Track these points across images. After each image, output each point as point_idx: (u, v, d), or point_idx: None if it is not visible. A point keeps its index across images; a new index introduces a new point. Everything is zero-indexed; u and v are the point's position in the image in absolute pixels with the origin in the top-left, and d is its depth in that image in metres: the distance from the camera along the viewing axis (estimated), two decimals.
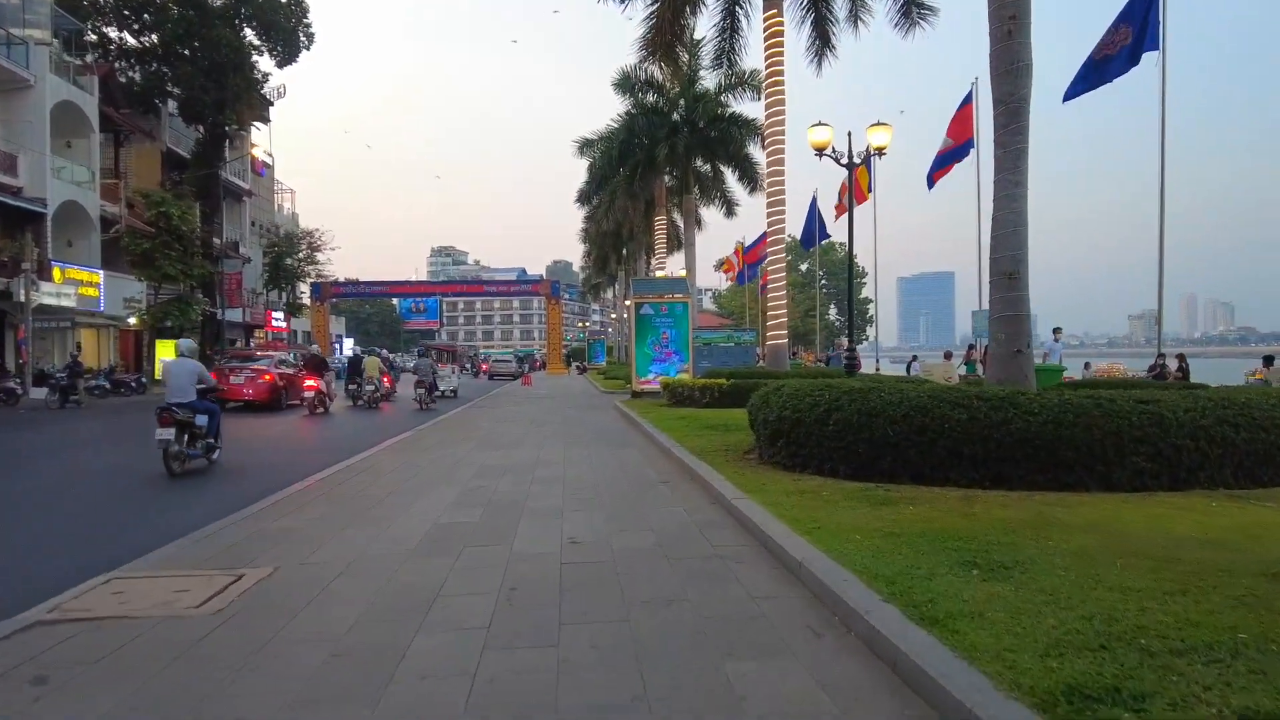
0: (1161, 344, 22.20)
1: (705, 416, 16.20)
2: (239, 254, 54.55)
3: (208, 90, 41.74)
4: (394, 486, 9.26)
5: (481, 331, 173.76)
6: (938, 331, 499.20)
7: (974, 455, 7.71)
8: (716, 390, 19.13)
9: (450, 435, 15.25)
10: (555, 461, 11.20)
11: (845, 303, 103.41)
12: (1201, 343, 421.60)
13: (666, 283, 25.64)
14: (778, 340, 21.14)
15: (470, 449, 12.89)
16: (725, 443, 11.81)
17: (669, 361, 24.00)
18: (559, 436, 14.77)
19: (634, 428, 15.97)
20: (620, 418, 18.84)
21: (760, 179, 34.22)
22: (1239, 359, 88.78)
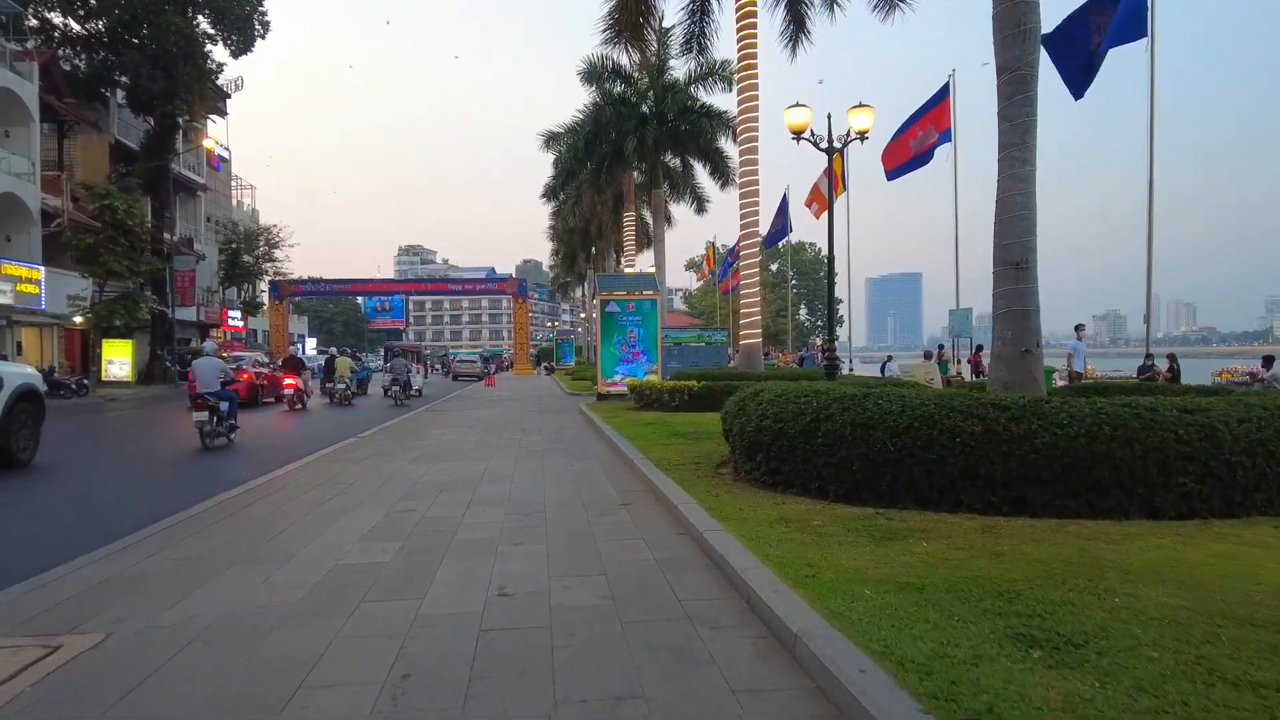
0: (1143, 343, 21.21)
1: (674, 422, 14.93)
2: (193, 250, 52.59)
3: (156, 79, 39.87)
4: (310, 506, 7.89)
5: (450, 331, 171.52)
6: (906, 332, 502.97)
7: (990, 475, 6.47)
8: (686, 393, 17.88)
9: (395, 443, 13.86)
10: (503, 476, 9.85)
11: (815, 303, 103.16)
12: (1164, 343, 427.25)
13: (635, 279, 24.35)
14: (751, 340, 19.92)
15: (409, 461, 11.51)
16: (696, 454, 10.53)
17: (637, 362, 22.71)
18: (513, 445, 13.42)
19: (597, 434, 14.66)
20: (583, 423, 17.52)
21: (732, 173, 33.08)
22: (1202, 359, 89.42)
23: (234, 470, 11.07)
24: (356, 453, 12.57)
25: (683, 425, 14.21)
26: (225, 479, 9.92)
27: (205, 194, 57.42)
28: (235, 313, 60.74)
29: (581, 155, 34.86)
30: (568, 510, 7.60)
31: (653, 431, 13.38)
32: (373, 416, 20.74)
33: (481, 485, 9.14)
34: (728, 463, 9.57)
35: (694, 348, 29.10)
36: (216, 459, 12.70)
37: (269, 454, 13.13)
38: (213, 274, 56.85)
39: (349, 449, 13.20)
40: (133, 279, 38.48)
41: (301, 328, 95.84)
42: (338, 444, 13.88)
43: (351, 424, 18.44)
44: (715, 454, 10.45)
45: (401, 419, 19.82)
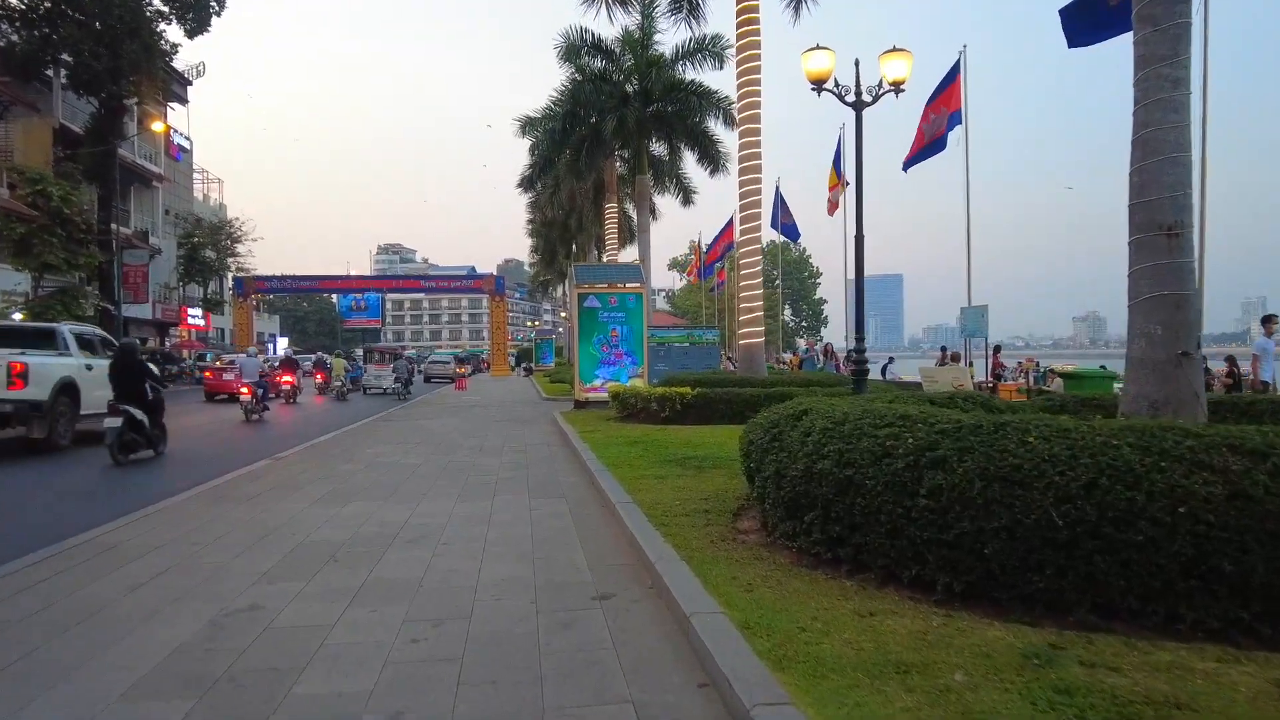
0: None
1: (667, 440, 12.09)
2: (147, 244, 49.28)
3: (99, 56, 36.64)
4: (118, 593, 4.99)
5: (429, 331, 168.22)
6: (887, 333, 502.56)
7: (1245, 572, 3.67)
8: (679, 402, 15.05)
9: (312, 467, 10.94)
10: (430, 531, 6.93)
11: (799, 304, 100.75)
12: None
13: (617, 269, 21.48)
14: (752, 340, 17.12)
15: (315, 499, 8.57)
16: (701, 494, 7.69)
17: (619, 365, 19.85)
18: (461, 472, 10.53)
19: (570, 457, 11.78)
20: (556, 438, 14.65)
21: (722, 158, 30.34)
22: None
23: (101, 507, 8.12)
24: (254, 484, 9.63)
25: (678, 445, 11.37)
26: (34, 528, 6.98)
27: (163, 185, 54.07)
28: (196, 310, 57.41)
29: (559, 139, 31.89)
30: (509, 611, 4.69)
31: (641, 455, 10.53)
32: (328, 421, 20.16)
33: (392, 551, 6.21)
34: (749, 511, 6.75)
35: (681, 349, 26.28)
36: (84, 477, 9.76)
37: (173, 475, 10.22)
38: (170, 270, 53.56)
39: (251, 476, 10.28)
40: (72, 273, 35.35)
41: (273, 327, 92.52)
42: (245, 468, 10.96)
43: (304, 429, 17.87)
44: (727, 494, 7.63)
45: (345, 430, 16.92)
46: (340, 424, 18.71)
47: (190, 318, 57.02)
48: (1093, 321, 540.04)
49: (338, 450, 13.17)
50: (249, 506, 8.15)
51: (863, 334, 12.16)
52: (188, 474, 10.70)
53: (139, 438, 12.42)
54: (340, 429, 17.16)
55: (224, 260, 56.73)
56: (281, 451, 12.82)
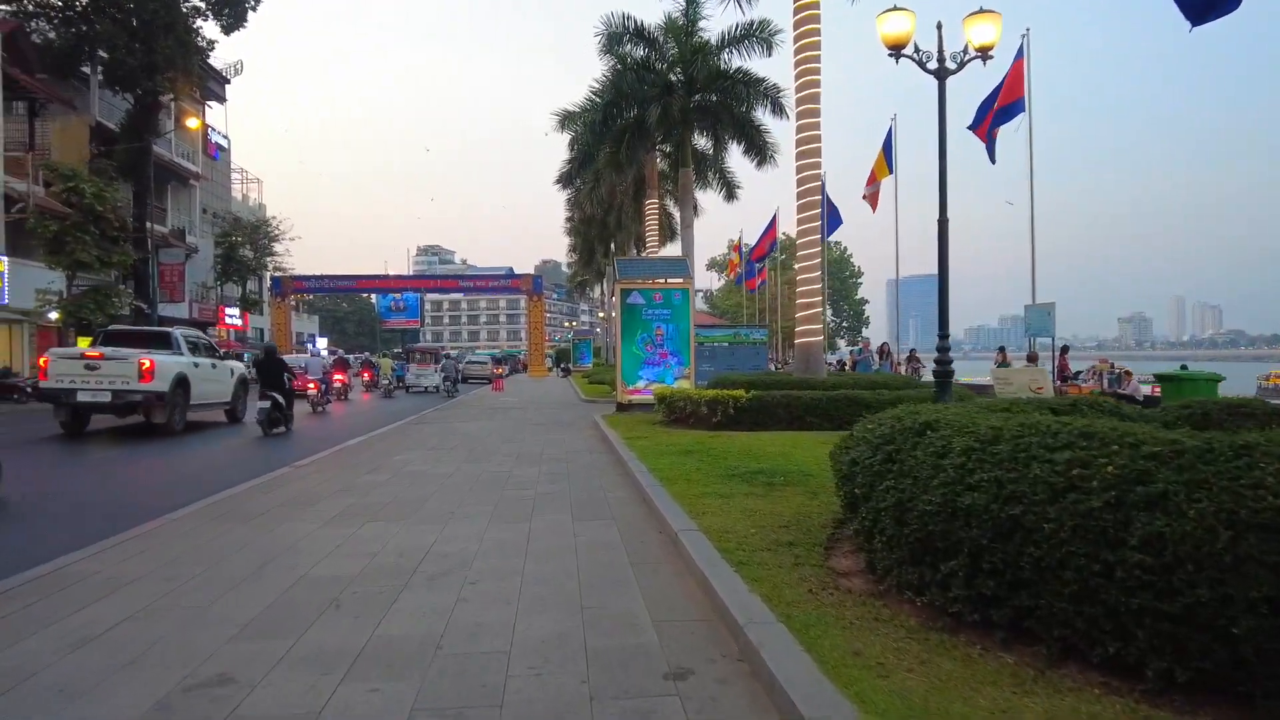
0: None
1: (723, 448, 10.84)
2: (183, 243, 49.04)
3: (134, 52, 36.27)
4: (33, 668, 3.88)
5: (468, 332, 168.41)
6: (928, 334, 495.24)
7: None
8: (732, 406, 13.79)
9: (333, 477, 9.89)
10: (455, 565, 5.74)
11: (840, 304, 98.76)
12: (1190, 345, 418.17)
13: (661, 263, 20.26)
14: (811, 338, 15.81)
15: (329, 517, 7.47)
16: (777, 519, 6.44)
17: (664, 365, 18.64)
18: (495, 486, 9.38)
19: (617, 468, 10.58)
20: (599, 444, 13.47)
21: (770, 149, 29.03)
22: (1228, 363, 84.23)
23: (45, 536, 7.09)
24: (268, 496, 8.58)
25: (737, 455, 10.13)
26: None
27: (200, 183, 53.82)
28: (233, 310, 57.10)
29: (599, 130, 30.78)
30: (553, 695, 3.47)
31: (697, 467, 9.30)
32: (369, 420, 19.98)
33: (408, 593, 5.03)
34: (843, 546, 5.50)
35: (726, 349, 24.98)
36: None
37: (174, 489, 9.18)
38: (208, 269, 53.29)
39: (267, 486, 9.25)
40: (104, 271, 34.89)
41: (312, 327, 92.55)
42: (261, 477, 9.95)
43: (352, 425, 18.19)
44: (809, 519, 6.38)
45: (380, 431, 15.94)
46: (376, 425, 17.76)
47: (227, 317, 56.75)
48: (1138, 322, 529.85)
49: (366, 456, 12.10)
50: (251, 527, 7.05)
51: (946, 330, 10.81)
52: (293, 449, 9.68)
53: (279, 416, 16.24)
54: (374, 431, 16.17)
55: (261, 259, 56.35)
56: (305, 458, 11.79)
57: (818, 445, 10.91)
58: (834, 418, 13.62)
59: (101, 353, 15.43)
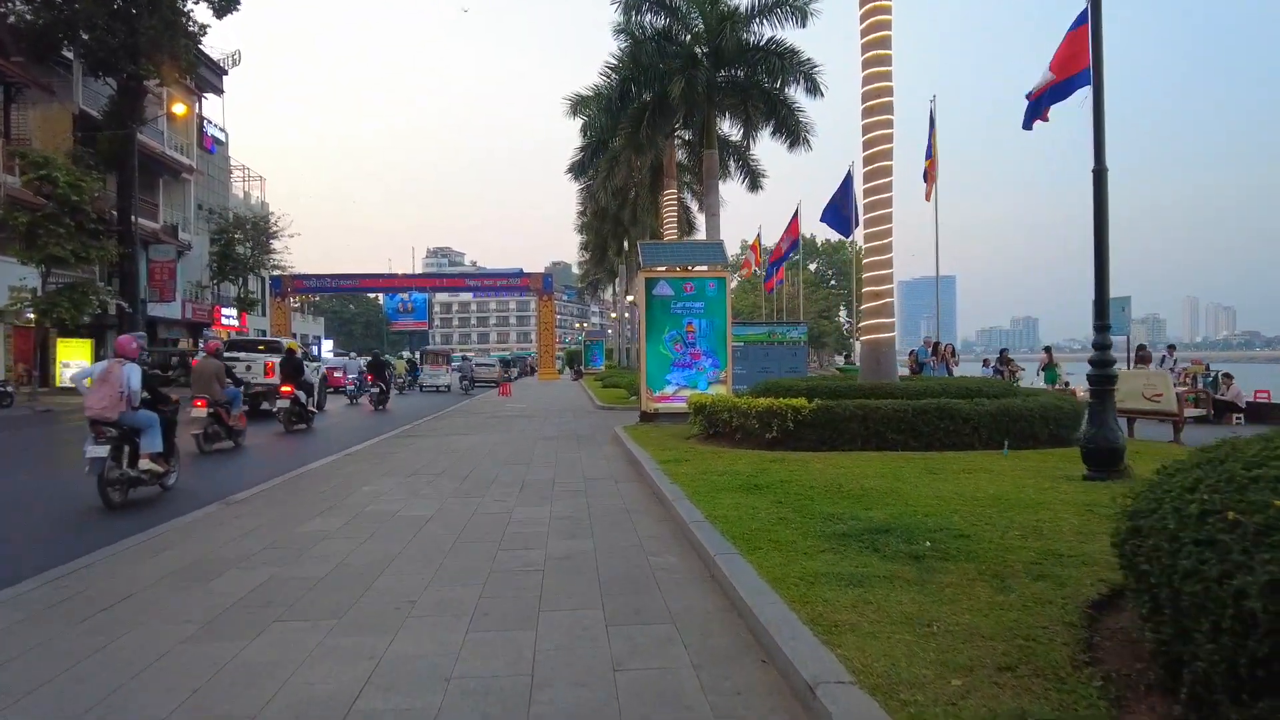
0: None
1: (797, 479, 7.97)
2: (176, 239, 46.45)
3: (115, 32, 33.77)
4: None
5: (477, 334, 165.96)
6: (940, 335, 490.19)
7: None
8: (791, 418, 10.94)
9: (269, 524, 7.12)
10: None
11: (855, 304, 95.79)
12: (1203, 347, 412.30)
13: (693, 248, 17.40)
14: (880, 335, 12.95)
15: (220, 612, 4.68)
16: (979, 640, 3.57)
17: (696, 367, 15.83)
18: (485, 543, 6.56)
19: (656, 513, 7.70)
20: (625, 470, 10.65)
21: (803, 128, 26.20)
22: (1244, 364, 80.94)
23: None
24: (153, 562, 5.81)
25: (825, 492, 7.27)
26: None
27: (194, 178, 51.24)
28: (230, 311, 54.48)
29: (616, 110, 28.01)
30: None
31: (778, 514, 6.44)
32: (360, 430, 18.42)
33: None
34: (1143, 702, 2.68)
35: (760, 348, 22.11)
36: None
37: None
38: (203, 267, 50.71)
39: (166, 541, 6.50)
40: (83, 267, 32.29)
41: (317, 329, 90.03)
42: (170, 522, 7.26)
43: (317, 445, 15.19)
44: (1031, 641, 3.52)
45: (359, 448, 13.22)
46: (364, 436, 15.09)
47: (224, 318, 54.13)
48: (1152, 323, 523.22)
49: (327, 487, 9.33)
50: (82, 633, 4.28)
51: (1106, 318, 7.92)
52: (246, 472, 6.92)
53: (299, 412, 17.59)
54: (353, 447, 13.45)
55: (259, 257, 53.65)
56: (249, 488, 9.01)
57: (927, 477, 8.09)
58: (921, 434, 10.79)
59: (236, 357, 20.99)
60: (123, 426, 8.55)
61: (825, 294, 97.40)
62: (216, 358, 14.15)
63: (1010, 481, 7.79)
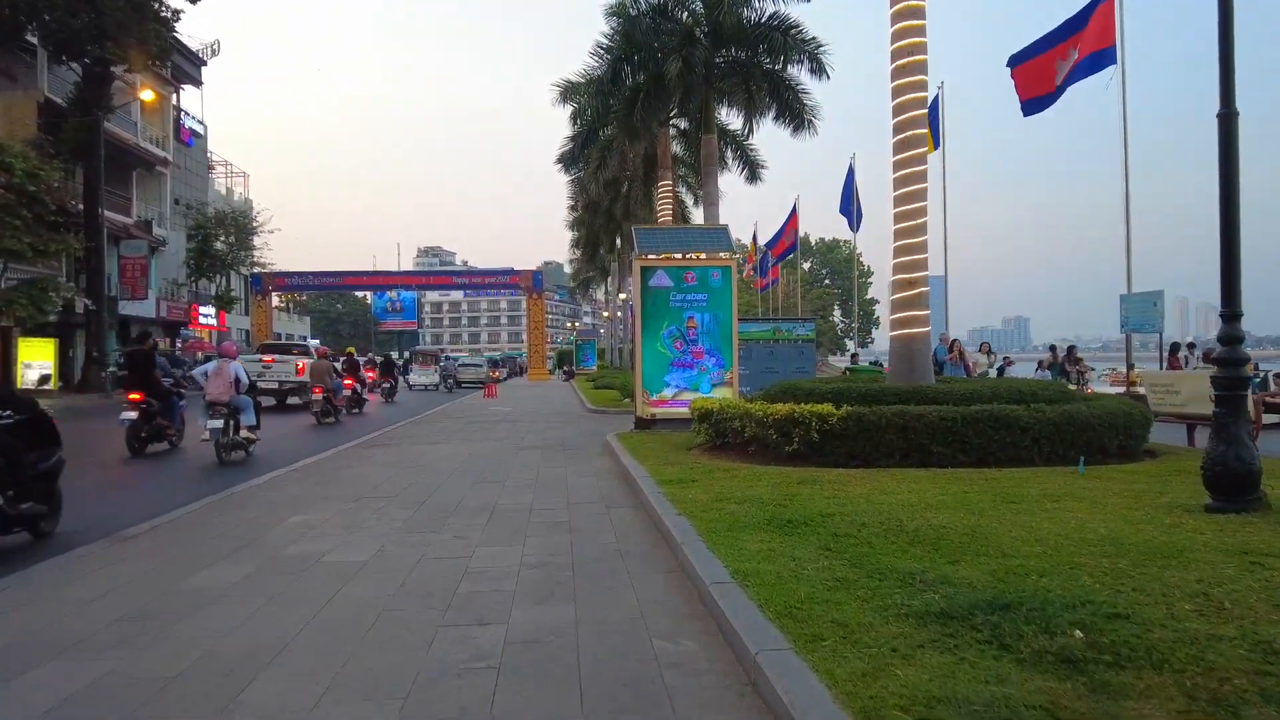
0: None
1: (843, 510, 6.15)
2: (150, 234, 44.49)
3: (76, 13, 31.86)
4: None
5: (468, 334, 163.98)
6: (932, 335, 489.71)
7: None
8: (816, 428, 9.16)
9: (142, 580, 5.34)
10: None
11: (849, 305, 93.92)
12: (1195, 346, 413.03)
13: (695, 233, 15.58)
14: (913, 330, 11.17)
15: None
16: None
17: (698, 367, 14.07)
18: (423, 614, 4.74)
19: (663, 563, 5.84)
20: (620, 493, 8.83)
21: (809, 111, 24.48)
22: None
23: None
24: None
25: (881, 531, 5.47)
26: None
27: (170, 170, 49.23)
28: (208, 309, 52.50)
29: (608, 92, 26.25)
30: None
31: (829, 570, 4.61)
32: (315, 440, 15.64)
33: None
34: None
35: (763, 346, 20.26)
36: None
37: None
38: (179, 264, 48.75)
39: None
40: (42, 261, 30.39)
41: (303, 329, 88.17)
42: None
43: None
44: None
45: (305, 463, 11.41)
46: (327, 445, 13.29)
47: (202, 317, 52.16)
48: None
49: (246, 516, 7.52)
50: None
51: (1237, 303, 6.11)
52: None
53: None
54: (313, 456, 11.67)
55: (237, 254, 51.67)
56: (148, 520, 7.20)
57: (1006, 509, 6.35)
58: (972, 447, 9.04)
59: (272, 358, 24.63)
60: (231, 406, 11.85)
61: (820, 293, 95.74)
62: (326, 360, 21.34)
63: (1117, 515, 6.02)
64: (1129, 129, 19.52)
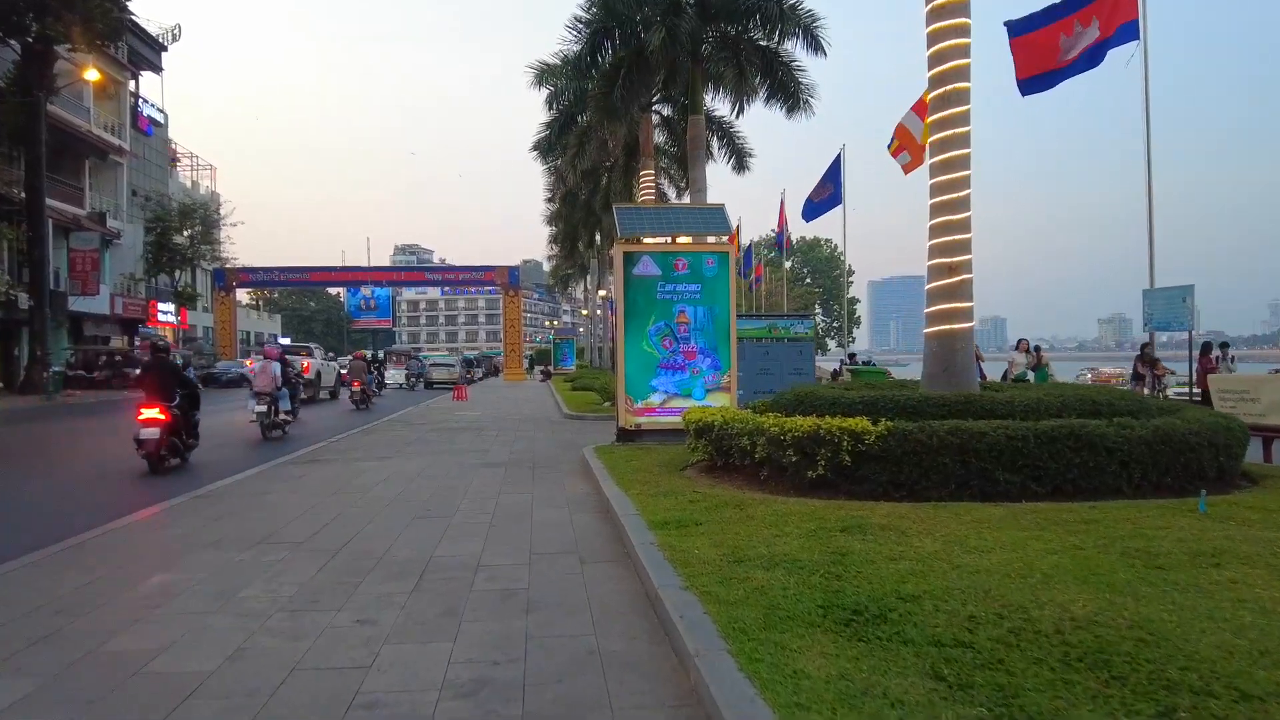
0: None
1: (932, 589, 4.16)
2: (103, 226, 41.99)
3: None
4: None
5: (445, 333, 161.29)
6: (909, 335, 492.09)
7: None
8: (848, 448, 7.18)
9: None
10: None
11: (830, 304, 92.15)
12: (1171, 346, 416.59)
13: (688, 213, 13.49)
14: (955, 325, 9.21)
15: None
16: None
17: (690, 369, 12.07)
18: None
19: (665, 673, 3.91)
20: (596, 538, 6.78)
21: (805, 90, 22.61)
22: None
23: None
24: None
25: (998, 622, 3.54)
26: None
27: (126, 159, 46.67)
28: (167, 305, 49.89)
29: (586, 69, 24.23)
30: None
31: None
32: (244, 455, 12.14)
33: None
34: None
35: (758, 346, 18.26)
36: None
37: None
38: (136, 258, 46.17)
39: None
40: None
41: (274, 327, 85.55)
42: None
43: None
44: None
45: (232, 480, 9.27)
46: (272, 455, 11.12)
47: (161, 314, 49.53)
48: (1119, 323, 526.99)
49: (107, 568, 5.44)
50: None
51: None
52: None
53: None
54: (249, 469, 9.54)
55: (199, 248, 49.11)
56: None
57: (1156, 577, 4.38)
58: (1045, 473, 7.09)
59: None
60: (272, 395, 15.20)
61: (801, 292, 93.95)
62: (363, 360, 25.92)
63: None
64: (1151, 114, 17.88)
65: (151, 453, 10.63)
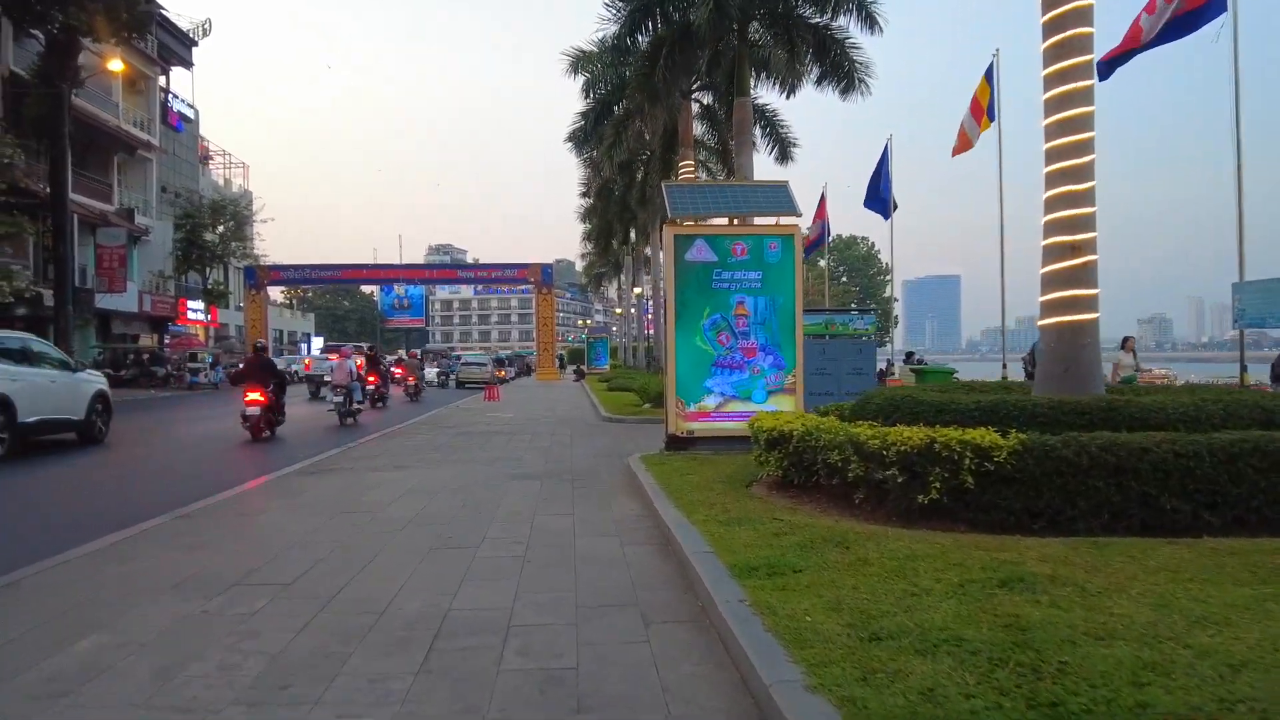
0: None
1: (1155, 669, 2.69)
2: (131, 223, 41.28)
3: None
4: None
5: (478, 332, 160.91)
6: (944, 335, 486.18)
7: None
8: (969, 466, 5.72)
9: None
10: None
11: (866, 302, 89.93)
12: (1210, 347, 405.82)
13: (748, 191, 11.92)
14: (1076, 317, 7.68)
15: None
16: None
17: (751, 368, 10.62)
18: None
19: None
20: (663, 588, 5.34)
21: (860, 70, 21.06)
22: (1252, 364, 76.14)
23: None
24: None
25: None
26: None
27: (155, 155, 45.98)
28: (196, 304, 49.14)
29: (625, 51, 22.93)
30: None
31: None
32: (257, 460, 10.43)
33: None
34: None
35: (817, 343, 16.70)
36: None
37: None
38: (166, 255, 45.43)
39: None
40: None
41: (307, 326, 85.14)
42: None
43: None
44: None
45: (229, 495, 7.99)
46: (273, 465, 9.79)
47: (190, 312, 48.86)
48: (1159, 323, 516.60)
49: (21, 627, 4.14)
50: None
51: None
52: None
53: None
54: (244, 484, 8.24)
55: (227, 244, 48.31)
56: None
57: None
58: (1224, 501, 5.57)
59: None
60: (346, 387, 17.80)
61: (838, 291, 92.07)
62: (416, 359, 31.90)
63: None
64: (1241, 90, 16.17)
65: (255, 426, 14.30)
